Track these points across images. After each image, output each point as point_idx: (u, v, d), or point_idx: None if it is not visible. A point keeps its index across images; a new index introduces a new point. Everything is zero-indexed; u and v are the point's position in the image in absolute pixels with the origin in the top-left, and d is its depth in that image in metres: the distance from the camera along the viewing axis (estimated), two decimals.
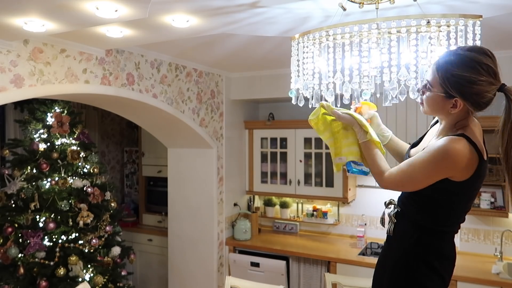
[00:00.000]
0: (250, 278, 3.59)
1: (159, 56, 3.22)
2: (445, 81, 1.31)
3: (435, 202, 1.42)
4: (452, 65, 1.30)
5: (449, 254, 1.49)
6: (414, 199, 1.47)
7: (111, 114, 5.08)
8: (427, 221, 1.45)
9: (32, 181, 3.22)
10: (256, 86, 4.07)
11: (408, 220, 1.50)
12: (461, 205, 1.45)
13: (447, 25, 1.47)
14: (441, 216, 1.43)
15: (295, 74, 1.71)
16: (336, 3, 1.75)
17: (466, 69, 1.28)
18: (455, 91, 1.31)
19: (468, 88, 1.29)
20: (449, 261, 1.49)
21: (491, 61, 1.29)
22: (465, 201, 1.45)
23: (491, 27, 2.37)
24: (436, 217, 1.44)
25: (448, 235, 1.49)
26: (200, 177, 4.03)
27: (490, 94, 1.29)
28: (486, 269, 3.22)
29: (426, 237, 1.46)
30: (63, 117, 3.31)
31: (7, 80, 2.24)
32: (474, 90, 1.29)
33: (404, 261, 1.49)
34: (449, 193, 1.39)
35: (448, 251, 1.49)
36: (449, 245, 1.49)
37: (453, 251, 1.51)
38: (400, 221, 1.53)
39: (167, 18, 2.00)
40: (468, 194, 1.43)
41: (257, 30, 2.41)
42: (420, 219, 1.47)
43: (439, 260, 1.46)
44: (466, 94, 1.30)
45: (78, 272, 3.10)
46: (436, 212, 1.43)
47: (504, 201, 3.40)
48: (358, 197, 4.17)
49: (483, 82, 1.27)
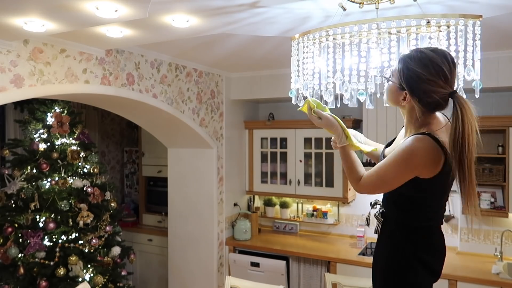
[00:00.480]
0: (250, 278, 3.59)
1: (159, 56, 3.22)
2: (400, 73, 1.39)
3: (410, 200, 1.48)
4: (410, 60, 1.37)
5: (437, 246, 1.54)
6: (392, 199, 1.54)
7: (111, 114, 5.08)
8: (408, 219, 1.51)
9: (32, 181, 3.22)
10: (256, 86, 4.07)
11: (392, 219, 1.56)
12: (435, 202, 1.50)
13: (447, 25, 1.47)
14: (419, 213, 1.49)
15: (295, 74, 1.71)
16: (336, 3, 1.75)
17: (419, 65, 1.34)
18: (405, 84, 1.39)
19: (416, 84, 1.36)
20: (438, 252, 1.54)
21: (447, 66, 1.34)
22: (438, 197, 1.50)
23: (491, 27, 2.37)
24: (414, 214, 1.49)
25: (432, 229, 1.53)
26: (200, 177, 4.03)
27: (436, 96, 1.34)
28: (486, 269, 3.22)
29: (412, 234, 1.50)
30: (63, 117, 3.31)
31: (7, 80, 2.24)
32: (421, 87, 1.35)
33: (394, 258, 1.53)
34: (421, 190, 1.43)
35: (436, 244, 1.53)
36: (436, 238, 1.53)
37: (441, 243, 1.55)
38: (386, 220, 1.59)
39: (167, 18, 2.00)
40: (440, 190, 1.47)
41: (257, 30, 2.41)
42: (402, 218, 1.52)
43: (428, 254, 1.50)
44: (414, 89, 1.38)
45: (78, 272, 3.10)
46: (413, 210, 1.49)
47: (504, 201, 3.40)
48: (358, 197, 4.17)
49: (431, 81, 1.33)
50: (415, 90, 1.37)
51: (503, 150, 3.36)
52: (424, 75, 1.33)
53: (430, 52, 1.35)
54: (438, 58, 1.34)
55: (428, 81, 1.33)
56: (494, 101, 3.55)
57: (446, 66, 1.33)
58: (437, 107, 1.38)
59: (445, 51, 1.39)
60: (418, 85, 1.35)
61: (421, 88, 1.35)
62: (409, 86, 1.38)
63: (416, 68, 1.34)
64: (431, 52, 1.35)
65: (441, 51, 1.37)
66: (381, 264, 1.58)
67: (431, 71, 1.33)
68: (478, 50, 1.48)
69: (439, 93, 1.33)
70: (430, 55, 1.34)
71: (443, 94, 1.33)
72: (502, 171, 3.34)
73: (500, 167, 3.35)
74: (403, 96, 1.41)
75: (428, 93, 1.35)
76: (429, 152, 1.35)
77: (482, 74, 1.53)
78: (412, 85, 1.37)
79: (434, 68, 1.33)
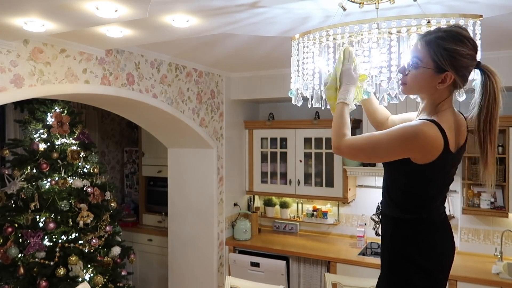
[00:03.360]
0: (250, 278, 3.59)
1: (159, 56, 3.22)
2: (438, 55, 1.35)
3: (401, 190, 1.48)
4: (443, 40, 1.34)
5: (434, 245, 1.47)
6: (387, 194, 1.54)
7: (111, 114, 5.08)
8: (397, 212, 1.49)
9: (32, 181, 3.22)
10: (256, 86, 4.07)
11: (387, 218, 1.55)
12: (424, 191, 1.46)
13: (447, 25, 1.47)
14: (408, 203, 1.47)
15: (295, 74, 1.71)
16: (336, 3, 1.75)
17: (456, 43, 1.34)
18: (448, 65, 1.35)
19: (460, 61, 1.34)
20: (435, 252, 1.47)
21: (471, 38, 1.37)
22: (425, 185, 1.45)
23: (491, 27, 2.37)
24: (404, 205, 1.48)
25: (426, 225, 1.47)
26: (200, 177, 4.03)
27: (471, 68, 1.37)
28: (486, 269, 3.22)
29: (400, 229, 1.48)
30: (63, 117, 3.31)
31: (7, 80, 2.24)
32: (463, 63, 1.35)
33: (390, 258, 1.52)
34: (410, 175, 1.42)
35: (432, 242, 1.47)
36: (431, 236, 1.47)
37: (439, 242, 1.48)
38: (383, 221, 1.59)
39: (167, 18, 2.00)
40: (428, 179, 1.43)
41: (257, 30, 2.41)
42: (393, 212, 1.51)
43: (419, 252, 1.45)
44: (458, 67, 1.35)
45: (78, 272, 3.10)
46: (404, 203, 1.48)
47: (504, 201, 3.40)
48: (358, 197, 4.17)
49: (470, 56, 1.35)
50: (458, 67, 1.35)
51: (503, 150, 3.36)
52: (464, 51, 1.33)
53: (456, 28, 1.36)
54: (464, 32, 1.35)
55: (468, 55, 1.34)
56: None
57: (471, 38, 1.36)
58: (467, 81, 1.40)
59: (458, 25, 1.41)
60: (461, 62, 1.34)
61: (463, 64, 1.35)
62: (453, 65, 1.35)
63: (455, 46, 1.33)
64: (456, 28, 1.36)
65: (457, 26, 1.38)
66: (383, 265, 1.57)
67: (468, 45, 1.34)
68: (478, 50, 1.47)
69: (473, 65, 1.36)
70: (458, 30, 1.35)
71: (474, 66, 1.37)
72: (502, 171, 3.34)
73: (500, 167, 3.35)
74: (440, 79, 1.38)
75: (468, 67, 1.36)
76: (431, 140, 1.34)
77: None
78: (456, 64, 1.35)
79: (469, 41, 1.34)
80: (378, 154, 1.43)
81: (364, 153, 1.46)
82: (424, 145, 1.34)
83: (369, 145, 1.42)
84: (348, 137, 1.46)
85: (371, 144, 1.41)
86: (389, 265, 1.51)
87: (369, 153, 1.45)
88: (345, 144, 1.45)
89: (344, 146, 1.45)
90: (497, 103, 1.32)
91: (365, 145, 1.43)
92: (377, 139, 1.40)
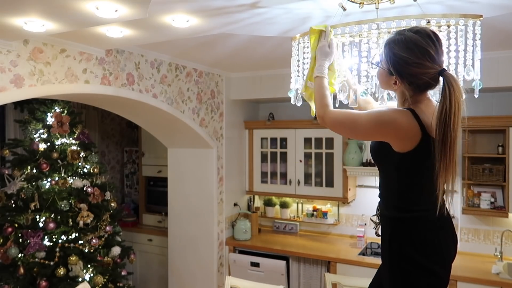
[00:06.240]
0: (250, 278, 3.59)
1: (159, 56, 3.22)
2: (387, 59, 1.39)
3: (391, 184, 1.49)
4: (394, 44, 1.37)
5: (432, 243, 1.44)
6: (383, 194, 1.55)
7: (111, 114, 5.08)
8: (395, 211, 1.49)
9: (32, 181, 3.22)
10: (256, 86, 4.07)
11: (385, 218, 1.55)
12: (415, 184, 1.44)
13: (447, 25, 1.47)
14: (403, 200, 1.47)
15: (295, 74, 1.71)
16: (336, 3, 1.75)
17: (404, 49, 1.34)
18: (393, 70, 1.38)
19: (404, 68, 1.36)
20: (434, 250, 1.44)
21: (432, 46, 1.34)
22: (415, 177, 1.43)
23: (491, 27, 2.37)
24: (399, 203, 1.47)
25: (424, 224, 1.45)
26: (200, 177, 4.03)
27: (425, 77, 1.35)
28: (486, 269, 3.22)
29: (397, 228, 1.47)
30: (63, 117, 3.31)
31: (7, 80, 2.24)
32: (409, 71, 1.35)
33: (390, 259, 1.50)
34: (397, 166, 1.43)
35: (431, 241, 1.44)
36: (430, 235, 1.44)
37: (438, 240, 1.45)
38: (382, 221, 1.59)
39: (167, 18, 2.00)
40: (416, 169, 1.41)
41: (257, 30, 2.41)
42: (390, 212, 1.50)
43: (416, 250, 1.43)
44: (403, 74, 1.38)
45: (78, 272, 3.10)
46: (397, 197, 1.48)
47: (504, 201, 3.40)
48: (358, 197, 4.17)
49: (418, 64, 1.33)
50: (403, 74, 1.37)
51: (503, 150, 3.36)
52: (410, 59, 1.33)
53: (413, 35, 1.34)
54: (422, 39, 1.33)
55: (415, 64, 1.33)
56: (494, 101, 3.55)
57: (431, 46, 1.33)
58: (428, 87, 1.39)
59: (428, 29, 1.37)
60: (405, 69, 1.35)
61: (409, 72, 1.35)
62: (397, 71, 1.38)
63: (402, 53, 1.34)
64: (414, 34, 1.34)
65: (424, 31, 1.35)
66: (383, 266, 1.57)
67: (417, 53, 1.32)
68: (478, 50, 1.47)
69: (428, 74, 1.34)
70: (413, 37, 1.33)
71: (432, 74, 1.33)
72: (502, 171, 3.34)
73: (500, 167, 3.35)
74: (394, 81, 1.42)
75: (416, 75, 1.35)
76: (404, 126, 1.34)
77: (482, 74, 1.52)
78: (400, 70, 1.37)
79: (419, 50, 1.32)
80: (356, 132, 1.48)
81: (344, 128, 1.51)
82: (398, 131, 1.36)
83: (349, 121, 1.45)
84: (331, 107, 1.50)
85: (352, 121, 1.45)
86: (391, 266, 1.50)
87: (349, 129, 1.50)
88: (329, 115, 1.49)
89: (328, 117, 1.49)
90: (454, 113, 1.26)
91: (346, 120, 1.46)
92: (358, 117, 1.43)
